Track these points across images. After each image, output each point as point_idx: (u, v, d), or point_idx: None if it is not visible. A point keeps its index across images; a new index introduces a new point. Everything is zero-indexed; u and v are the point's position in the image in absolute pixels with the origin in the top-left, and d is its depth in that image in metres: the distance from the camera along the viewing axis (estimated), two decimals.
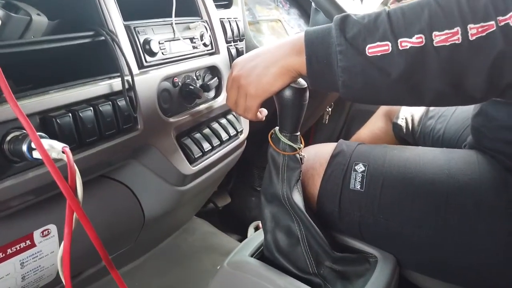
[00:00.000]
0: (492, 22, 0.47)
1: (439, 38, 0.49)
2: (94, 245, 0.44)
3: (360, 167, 0.73)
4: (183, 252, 0.99)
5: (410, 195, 0.68)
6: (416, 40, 0.50)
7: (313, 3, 0.92)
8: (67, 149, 0.41)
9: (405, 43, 0.50)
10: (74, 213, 0.41)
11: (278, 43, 0.61)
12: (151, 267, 0.92)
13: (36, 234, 0.54)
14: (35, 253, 0.55)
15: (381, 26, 0.52)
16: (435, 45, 0.49)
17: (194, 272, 0.95)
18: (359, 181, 0.72)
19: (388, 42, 0.51)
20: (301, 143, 0.68)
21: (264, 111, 0.70)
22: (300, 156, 0.68)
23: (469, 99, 0.53)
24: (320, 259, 0.69)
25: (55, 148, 0.41)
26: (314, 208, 0.76)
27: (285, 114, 0.66)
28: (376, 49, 0.51)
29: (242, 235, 1.24)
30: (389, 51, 0.51)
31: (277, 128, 0.68)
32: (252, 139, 0.98)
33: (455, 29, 0.48)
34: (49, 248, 0.56)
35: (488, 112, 0.74)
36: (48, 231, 0.55)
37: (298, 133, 0.68)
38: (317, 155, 0.78)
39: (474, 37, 0.47)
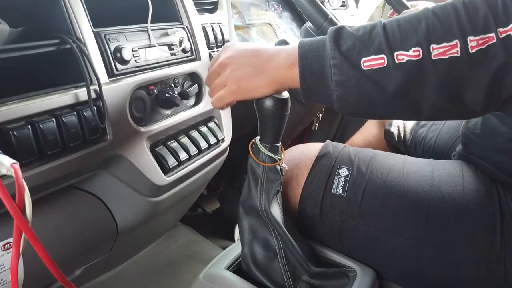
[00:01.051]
0: (492, 34, 0.45)
1: (437, 51, 0.47)
2: (46, 265, 0.42)
3: (344, 171, 0.72)
4: (164, 260, 0.98)
5: (391, 203, 0.67)
6: (413, 53, 0.48)
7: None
8: (16, 166, 0.40)
9: (402, 56, 0.48)
10: (23, 233, 0.39)
11: (275, 49, 0.59)
12: (129, 276, 0.91)
13: None
14: None
15: (376, 38, 0.50)
16: (433, 58, 0.47)
17: (173, 282, 0.93)
18: (341, 186, 0.71)
19: (383, 55, 0.49)
20: (282, 154, 0.66)
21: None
22: (281, 168, 0.67)
23: (468, 113, 0.52)
24: (297, 273, 0.68)
25: (3, 164, 0.40)
26: (296, 210, 0.74)
27: (265, 125, 0.64)
28: (371, 62, 0.50)
29: (231, 240, 1.23)
30: (384, 65, 0.49)
31: (257, 138, 0.66)
32: (241, 143, 0.96)
33: (454, 42, 0.46)
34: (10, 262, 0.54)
35: (480, 118, 0.73)
36: (10, 245, 0.54)
37: (279, 144, 0.66)
38: (303, 154, 0.77)
39: (474, 50, 0.46)
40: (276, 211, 0.67)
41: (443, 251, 0.64)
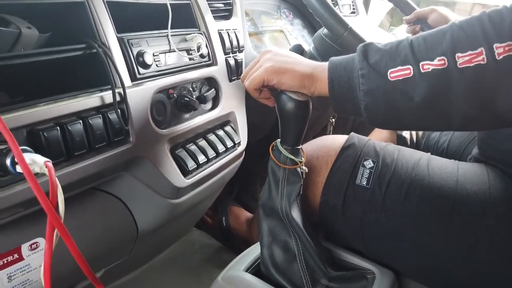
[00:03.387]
0: None
1: (463, 59, 0.48)
2: (76, 262, 0.43)
3: (369, 163, 0.72)
4: (181, 265, 0.98)
5: (415, 197, 0.67)
6: (438, 62, 0.49)
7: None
8: (50, 164, 0.41)
9: (427, 65, 0.50)
10: (55, 229, 0.40)
11: (310, 64, 0.63)
12: (147, 280, 0.92)
13: (24, 248, 0.54)
14: (23, 266, 0.54)
15: (403, 51, 0.52)
16: (458, 66, 0.48)
17: (192, 285, 0.93)
18: (366, 177, 0.71)
19: (409, 66, 0.51)
20: (303, 156, 0.67)
21: (272, 99, 0.68)
22: (301, 170, 0.67)
23: (500, 121, 0.52)
24: (316, 277, 0.68)
25: (37, 162, 0.41)
26: (318, 201, 0.75)
27: (287, 127, 0.65)
28: (398, 73, 0.52)
29: (245, 245, 1.23)
30: (411, 75, 0.51)
31: (278, 140, 0.67)
32: (254, 149, 0.97)
33: (479, 50, 0.47)
34: (37, 261, 0.55)
35: None
36: (36, 245, 0.55)
37: (300, 146, 0.67)
38: (328, 145, 0.78)
39: (501, 57, 0.47)
40: (296, 214, 0.67)
41: (465, 249, 0.64)
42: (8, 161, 0.43)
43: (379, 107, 0.54)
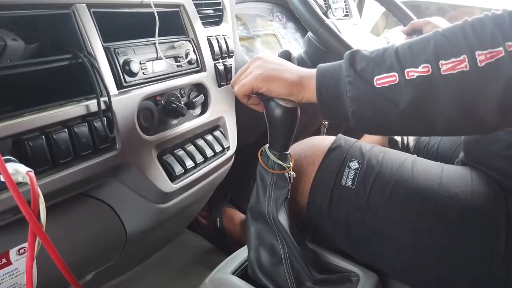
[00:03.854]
0: (501, 48, 0.47)
1: (446, 66, 0.50)
2: (59, 268, 0.44)
3: (354, 164, 0.74)
4: (173, 266, 1.00)
5: (399, 197, 0.69)
6: (423, 69, 0.51)
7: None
8: (31, 174, 0.42)
9: (412, 72, 0.51)
10: (37, 237, 0.42)
11: (298, 71, 0.64)
12: (139, 281, 0.93)
13: (12, 252, 0.55)
14: (11, 270, 0.56)
15: (388, 58, 0.54)
16: (442, 73, 0.50)
17: (182, 287, 0.95)
18: (351, 178, 0.73)
19: (395, 73, 0.53)
20: (291, 161, 0.68)
21: (261, 105, 0.70)
22: (289, 175, 0.68)
23: (483, 127, 0.54)
24: (301, 280, 0.69)
25: (20, 172, 0.43)
26: (305, 201, 0.77)
27: (275, 133, 0.66)
28: (383, 80, 0.53)
29: (236, 247, 1.24)
30: (396, 82, 0.52)
31: (267, 145, 0.68)
32: (247, 152, 0.98)
33: (461, 57, 0.49)
34: (25, 266, 0.57)
35: None
36: (24, 249, 0.56)
37: (288, 152, 0.68)
38: (316, 145, 0.80)
39: (483, 64, 0.48)
40: (283, 218, 0.68)
41: (446, 248, 0.66)
42: None
43: (365, 113, 0.55)
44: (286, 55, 0.97)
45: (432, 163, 0.76)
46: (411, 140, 1.20)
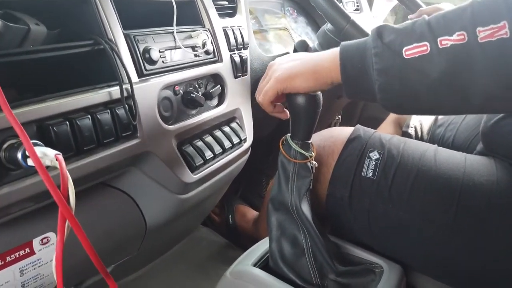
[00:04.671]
0: None
1: (484, 33, 0.46)
2: (88, 254, 0.43)
3: (374, 155, 0.72)
4: (189, 261, 0.99)
5: (421, 188, 0.67)
6: (457, 37, 0.47)
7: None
8: (60, 157, 0.41)
9: (445, 41, 0.48)
10: (67, 221, 0.41)
11: (317, 53, 0.61)
12: (156, 276, 0.92)
13: (36, 242, 0.54)
14: (35, 261, 0.55)
15: (419, 28, 0.50)
16: (479, 41, 0.46)
17: (199, 282, 0.94)
18: (371, 169, 0.71)
19: (426, 43, 0.49)
20: (313, 151, 0.67)
21: (286, 112, 0.69)
22: (311, 165, 0.67)
23: None
24: (324, 272, 0.68)
25: (48, 155, 0.42)
26: (325, 193, 0.75)
27: (297, 121, 0.65)
28: (413, 50, 0.50)
29: (250, 242, 1.24)
30: (427, 52, 0.49)
31: (288, 135, 0.67)
32: (260, 147, 0.98)
33: (501, 23, 0.45)
34: (48, 256, 0.56)
35: (499, 116, 0.72)
36: (47, 239, 0.55)
37: (310, 141, 0.67)
38: (334, 137, 0.78)
39: None
40: (306, 208, 0.67)
41: (471, 240, 0.64)
42: (19, 155, 0.43)
43: (393, 87, 0.52)
44: (303, 45, 0.96)
45: (454, 153, 0.74)
46: (425, 133, 1.19)
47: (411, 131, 1.20)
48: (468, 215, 0.65)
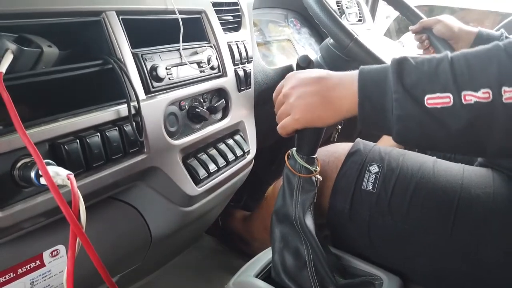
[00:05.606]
0: None
1: (509, 94, 0.45)
2: (97, 268, 0.45)
3: (374, 168, 0.74)
4: (193, 270, 1.00)
5: (420, 200, 0.68)
6: (483, 95, 0.46)
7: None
8: (72, 176, 0.43)
9: (470, 96, 0.47)
10: (77, 237, 0.43)
11: (337, 78, 0.59)
12: (160, 285, 0.94)
13: (46, 255, 0.56)
14: (45, 272, 0.57)
15: (443, 75, 0.49)
16: (504, 101, 0.46)
17: None
18: (371, 182, 0.72)
19: (449, 94, 0.48)
20: (317, 165, 0.69)
21: None
22: (316, 179, 0.69)
23: None
24: (325, 284, 0.69)
25: (60, 175, 0.44)
26: (326, 205, 0.77)
27: (303, 137, 0.66)
28: (436, 100, 0.49)
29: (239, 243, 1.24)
30: (450, 104, 0.48)
31: (294, 149, 0.69)
32: (263, 156, 0.99)
33: None
34: (58, 268, 0.58)
35: None
36: (57, 252, 0.57)
37: (315, 155, 0.69)
38: (334, 152, 0.80)
39: None
40: (310, 221, 0.68)
41: (469, 251, 0.65)
42: (33, 174, 0.45)
43: (412, 134, 0.51)
44: (306, 60, 0.98)
45: (453, 165, 0.75)
46: None
47: None
48: (465, 228, 0.66)
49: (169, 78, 0.68)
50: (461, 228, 0.66)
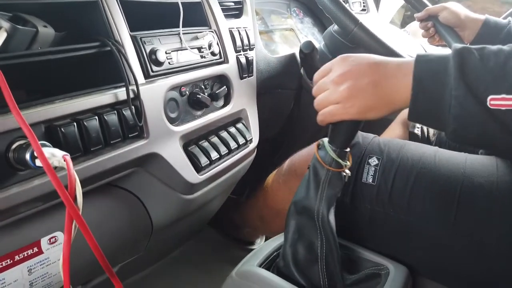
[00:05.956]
0: None
1: None
2: (94, 253, 0.44)
3: (373, 161, 0.72)
4: (195, 261, 0.99)
5: (421, 190, 0.66)
6: None
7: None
8: (68, 157, 0.42)
9: None
10: (74, 221, 0.41)
11: (394, 65, 0.54)
12: (162, 276, 0.93)
13: (44, 241, 0.55)
14: (43, 260, 0.55)
15: (511, 75, 0.45)
16: None
17: (205, 282, 0.94)
18: (371, 175, 0.70)
19: None
20: (348, 160, 0.64)
21: None
22: (345, 174, 0.64)
23: None
24: (334, 280, 0.67)
25: (56, 156, 0.42)
26: None
27: (338, 128, 0.61)
28: (500, 102, 0.45)
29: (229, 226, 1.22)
30: None
31: (326, 139, 0.63)
32: (265, 147, 0.98)
33: None
34: (56, 255, 0.57)
35: None
36: (55, 239, 0.56)
37: (348, 149, 0.64)
38: None
39: None
40: (332, 218, 0.65)
41: (473, 242, 0.63)
42: (28, 155, 0.44)
43: (469, 134, 0.48)
44: (309, 46, 0.96)
45: (455, 154, 0.73)
46: (431, 133, 1.18)
47: (418, 131, 1.20)
48: (468, 217, 0.64)
49: (169, 63, 0.66)
50: (464, 218, 0.64)
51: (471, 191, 0.64)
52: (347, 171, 0.64)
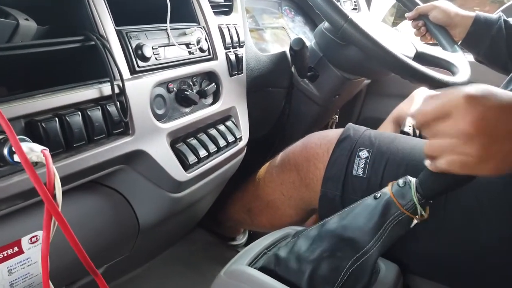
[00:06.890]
0: None
1: None
2: (76, 252, 0.42)
3: (364, 153, 0.72)
4: (184, 262, 0.98)
5: None
6: None
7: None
8: (47, 152, 0.41)
9: None
10: (53, 218, 0.40)
11: None
12: (150, 277, 0.91)
13: (24, 241, 0.53)
14: (23, 260, 0.54)
15: None
16: None
17: (194, 282, 0.93)
18: (361, 167, 0.71)
19: None
20: (426, 212, 0.57)
21: None
22: (415, 222, 0.57)
23: None
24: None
25: (35, 151, 0.41)
26: (317, 194, 0.75)
27: (443, 178, 0.52)
28: None
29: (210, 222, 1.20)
30: None
31: (414, 180, 0.56)
32: (256, 149, 0.96)
33: None
34: (37, 255, 0.55)
35: None
36: (36, 238, 0.55)
37: (431, 201, 0.56)
38: (329, 136, 0.78)
39: None
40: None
41: (461, 236, 0.63)
42: (5, 151, 0.42)
43: None
44: (299, 44, 0.96)
45: None
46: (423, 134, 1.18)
47: (409, 130, 1.19)
48: (457, 211, 0.64)
49: (156, 58, 0.65)
50: (452, 212, 0.64)
51: None
52: (416, 220, 0.57)
